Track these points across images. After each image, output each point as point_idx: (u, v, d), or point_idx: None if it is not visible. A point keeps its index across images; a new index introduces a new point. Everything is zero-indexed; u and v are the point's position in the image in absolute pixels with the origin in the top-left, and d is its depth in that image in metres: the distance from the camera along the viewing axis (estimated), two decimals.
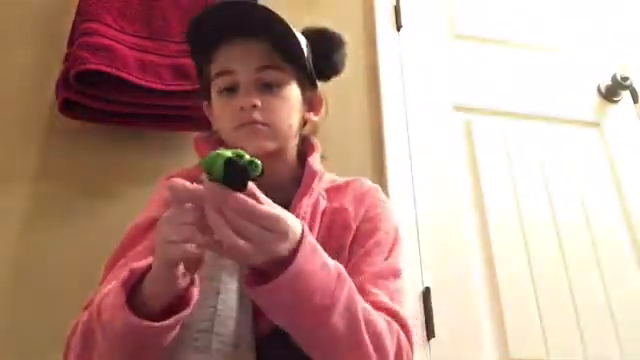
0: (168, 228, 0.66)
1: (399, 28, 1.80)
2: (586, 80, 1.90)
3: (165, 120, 1.39)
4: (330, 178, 1.03)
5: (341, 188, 1.00)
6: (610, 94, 1.88)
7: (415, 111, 1.68)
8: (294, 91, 0.96)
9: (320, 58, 1.00)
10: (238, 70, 0.93)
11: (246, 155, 0.65)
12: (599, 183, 1.73)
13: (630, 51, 1.99)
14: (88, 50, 1.30)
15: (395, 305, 0.84)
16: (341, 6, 1.78)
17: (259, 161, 0.65)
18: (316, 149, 1.01)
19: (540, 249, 1.56)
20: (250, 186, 0.65)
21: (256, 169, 0.64)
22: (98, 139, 1.41)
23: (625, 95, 1.89)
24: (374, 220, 0.94)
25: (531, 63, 1.88)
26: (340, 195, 0.98)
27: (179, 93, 1.36)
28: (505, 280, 1.49)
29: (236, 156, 0.64)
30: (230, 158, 0.63)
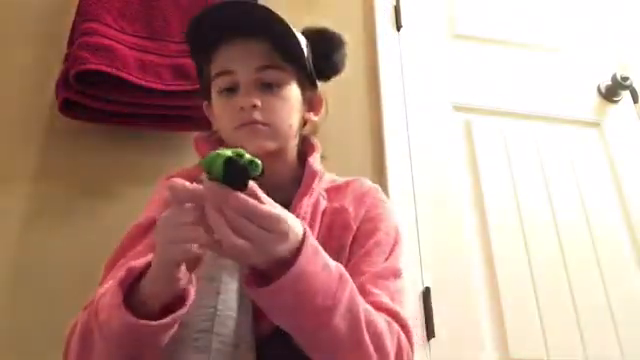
0: (170, 228, 0.66)
1: (399, 28, 1.80)
2: (586, 80, 1.90)
3: (165, 120, 1.39)
4: (330, 178, 1.03)
5: (341, 188, 1.00)
6: (610, 94, 1.88)
7: (415, 111, 1.68)
8: (294, 91, 0.96)
9: (320, 58, 1.00)
10: (238, 70, 0.93)
11: (246, 154, 0.65)
12: (599, 183, 1.73)
13: (630, 51, 1.99)
14: (88, 50, 1.30)
15: (395, 305, 0.84)
16: (341, 6, 1.78)
17: (259, 161, 0.65)
18: (316, 149, 1.01)
19: (540, 249, 1.56)
20: (252, 186, 0.65)
21: (256, 169, 0.64)
22: (98, 139, 1.41)
23: (625, 95, 1.89)
24: (374, 220, 0.94)
25: (531, 63, 1.88)
26: (340, 195, 0.98)
27: (179, 93, 1.36)
28: (505, 280, 1.49)
29: (236, 155, 0.63)
30: (230, 157, 0.63)
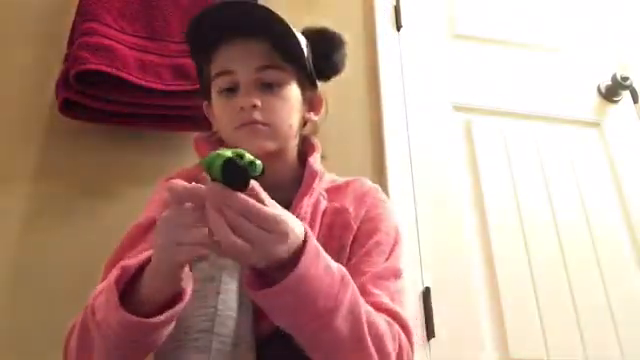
0: (173, 229, 0.65)
1: (399, 28, 1.80)
2: (586, 80, 1.90)
3: (165, 120, 1.39)
4: (330, 178, 1.03)
5: (341, 188, 1.00)
6: (610, 94, 1.88)
7: (415, 111, 1.68)
8: (294, 91, 0.96)
9: (320, 58, 1.00)
10: (238, 70, 0.93)
11: (247, 155, 0.64)
12: (599, 183, 1.72)
13: (630, 51, 1.99)
14: (88, 50, 1.30)
15: (396, 306, 0.84)
16: (341, 6, 1.78)
17: (259, 161, 0.65)
18: (316, 149, 1.01)
19: (540, 249, 1.56)
20: (254, 186, 0.65)
21: (256, 169, 0.64)
22: (98, 139, 1.40)
23: (625, 95, 1.89)
24: (375, 220, 0.94)
25: (531, 63, 1.88)
26: (340, 195, 0.98)
27: (179, 93, 1.36)
28: (505, 280, 1.49)
29: (236, 156, 0.63)
30: (230, 158, 0.62)
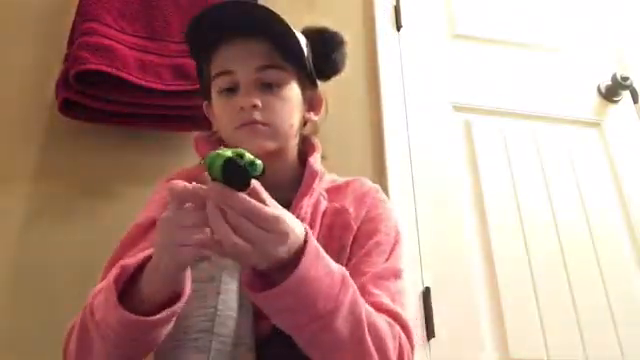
0: (176, 230, 0.65)
1: (399, 28, 1.80)
2: (586, 80, 1.90)
3: (165, 120, 1.39)
4: (330, 178, 1.03)
5: (341, 188, 1.00)
6: (610, 94, 1.88)
7: (415, 111, 1.68)
8: (294, 91, 0.96)
9: (320, 57, 1.00)
10: (238, 70, 0.93)
11: (247, 154, 0.64)
12: (599, 183, 1.72)
13: (630, 51, 1.99)
14: (88, 50, 1.30)
15: (396, 306, 0.84)
16: (341, 6, 1.78)
17: (260, 161, 0.65)
18: (317, 149, 1.00)
19: (540, 249, 1.56)
20: (256, 186, 0.65)
21: (256, 169, 0.64)
22: (98, 139, 1.40)
23: (625, 95, 1.89)
24: (375, 221, 0.94)
25: (531, 63, 1.88)
26: (341, 195, 0.98)
27: (179, 93, 1.36)
28: (505, 280, 1.49)
29: (237, 156, 0.63)
30: (230, 158, 0.62)
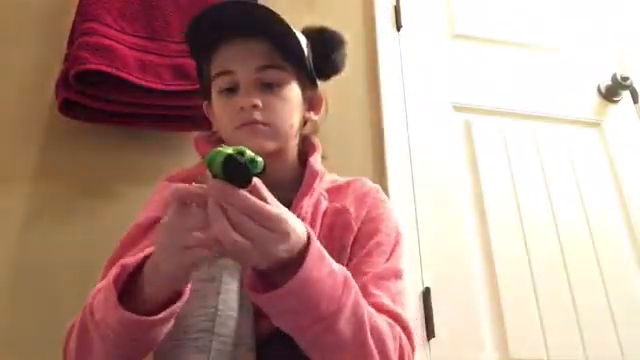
0: (180, 233, 0.64)
1: (399, 28, 1.80)
2: (586, 80, 1.90)
3: (165, 120, 1.39)
4: (331, 178, 1.02)
5: (342, 188, 1.00)
6: (610, 94, 1.88)
7: (415, 111, 1.68)
8: (294, 91, 0.96)
9: (320, 57, 1.00)
10: (238, 70, 0.93)
11: (247, 152, 0.64)
12: (599, 183, 1.72)
13: (630, 51, 1.99)
14: (88, 50, 1.30)
15: (397, 307, 0.84)
16: (341, 6, 1.78)
17: (260, 158, 0.65)
18: (317, 149, 1.00)
19: (540, 249, 1.56)
20: (257, 184, 0.65)
21: (257, 166, 0.64)
22: (98, 139, 1.40)
23: (625, 95, 1.89)
24: (376, 221, 0.94)
25: (531, 63, 1.88)
26: (341, 195, 0.98)
27: (179, 93, 1.36)
28: (505, 280, 1.49)
29: (237, 153, 0.63)
30: (230, 154, 0.62)
